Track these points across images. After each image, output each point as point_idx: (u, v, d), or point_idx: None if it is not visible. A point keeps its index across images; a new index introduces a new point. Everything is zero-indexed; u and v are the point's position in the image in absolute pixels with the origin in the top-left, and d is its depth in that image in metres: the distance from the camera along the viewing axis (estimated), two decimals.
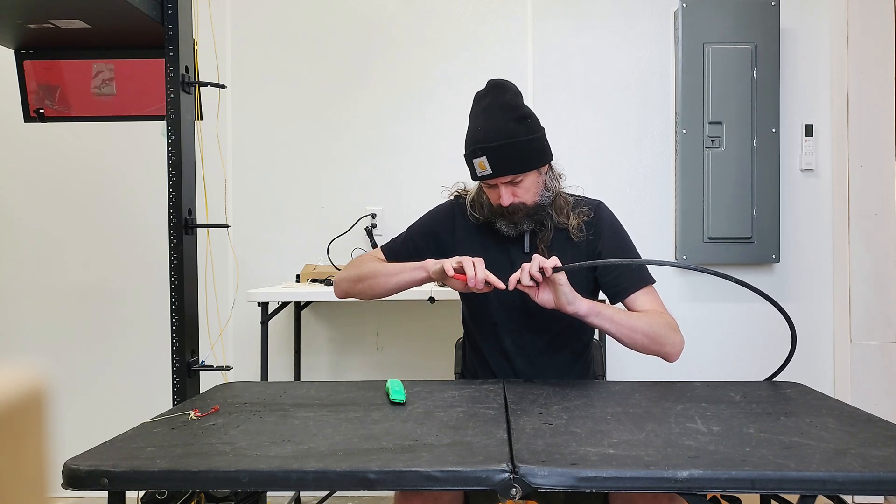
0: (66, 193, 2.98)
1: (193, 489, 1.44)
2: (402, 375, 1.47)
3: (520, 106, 1.58)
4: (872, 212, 2.82)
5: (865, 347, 2.81)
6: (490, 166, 1.53)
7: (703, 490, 0.95)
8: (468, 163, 1.58)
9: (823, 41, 2.90)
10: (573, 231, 1.62)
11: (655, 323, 1.52)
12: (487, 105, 1.56)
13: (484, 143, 1.53)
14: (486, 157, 1.53)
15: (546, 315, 1.63)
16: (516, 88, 1.60)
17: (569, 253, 1.63)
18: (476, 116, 1.58)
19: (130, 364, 2.96)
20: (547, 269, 1.42)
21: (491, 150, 1.52)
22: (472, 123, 1.59)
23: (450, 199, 1.77)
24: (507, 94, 1.57)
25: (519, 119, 1.56)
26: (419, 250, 1.70)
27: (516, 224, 1.61)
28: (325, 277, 2.71)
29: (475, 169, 1.56)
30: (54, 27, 1.87)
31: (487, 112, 1.56)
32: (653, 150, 2.93)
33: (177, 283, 1.84)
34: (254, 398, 1.40)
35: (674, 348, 1.54)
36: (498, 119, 1.54)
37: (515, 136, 1.54)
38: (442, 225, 1.73)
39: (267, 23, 2.96)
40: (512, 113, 1.55)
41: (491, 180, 1.57)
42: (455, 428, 1.14)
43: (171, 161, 1.84)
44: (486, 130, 1.54)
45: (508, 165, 1.54)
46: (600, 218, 1.66)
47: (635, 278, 1.62)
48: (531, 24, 2.94)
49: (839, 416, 1.21)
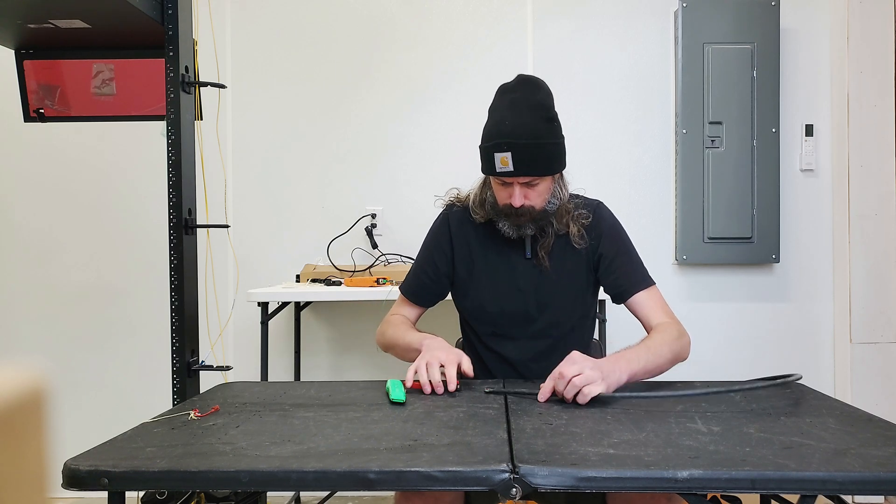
0: (66, 193, 2.98)
1: (193, 489, 1.44)
2: (401, 375, 1.47)
3: (550, 107, 1.52)
4: (872, 212, 2.82)
5: (865, 347, 2.81)
6: (513, 163, 1.47)
7: (703, 490, 0.95)
8: (486, 156, 1.51)
9: (823, 41, 2.90)
10: (574, 238, 1.60)
11: (670, 341, 1.49)
12: (516, 100, 1.49)
13: (510, 138, 1.46)
14: (510, 154, 1.46)
15: (546, 321, 1.63)
16: (548, 88, 1.54)
17: (569, 259, 1.62)
18: (502, 109, 1.51)
19: (130, 364, 2.96)
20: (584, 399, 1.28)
21: (517, 147, 1.46)
22: (496, 115, 1.52)
23: (442, 211, 1.73)
24: (539, 92, 1.52)
25: (548, 120, 1.51)
26: (434, 281, 1.69)
27: (520, 227, 1.57)
28: (325, 277, 2.71)
29: (495, 163, 1.49)
30: (54, 27, 1.87)
31: (516, 107, 1.49)
32: (653, 150, 2.93)
33: (177, 283, 1.84)
34: (254, 398, 1.40)
35: (687, 352, 1.54)
36: (527, 116, 1.48)
37: (543, 136, 1.49)
38: (438, 246, 1.69)
39: (267, 23, 2.96)
40: (543, 112, 1.50)
41: (508, 178, 1.51)
42: (455, 428, 1.14)
43: (171, 161, 1.84)
44: (513, 126, 1.47)
45: (532, 166, 1.49)
46: (600, 219, 1.64)
47: (636, 279, 1.61)
48: (531, 24, 2.94)
49: (839, 416, 1.21)
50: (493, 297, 1.63)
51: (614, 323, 2.50)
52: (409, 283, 1.73)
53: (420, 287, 1.70)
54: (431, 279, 1.69)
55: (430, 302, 1.73)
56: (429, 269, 1.69)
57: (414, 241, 2.90)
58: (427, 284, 1.69)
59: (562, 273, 1.62)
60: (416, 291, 1.71)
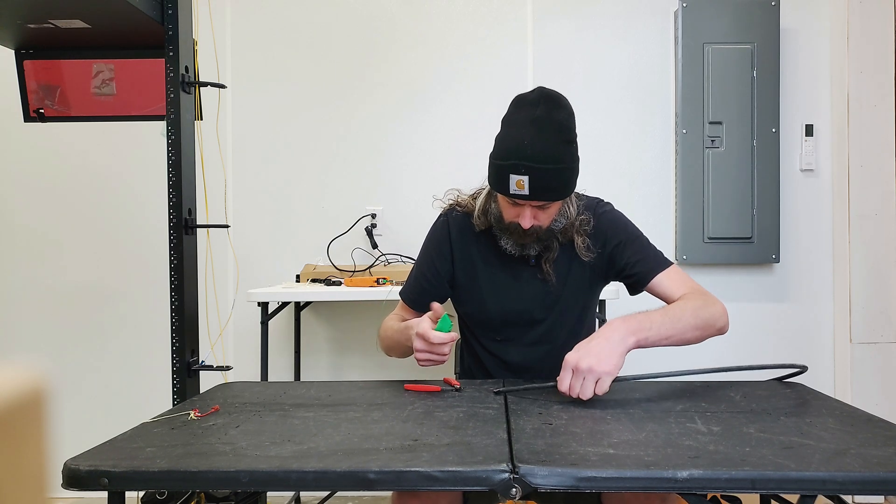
0: (66, 193, 2.98)
1: (193, 489, 1.44)
2: (401, 375, 1.47)
3: (572, 128, 1.46)
4: (872, 212, 2.82)
5: (865, 347, 2.81)
6: (529, 187, 1.40)
7: (703, 490, 0.95)
8: (500, 174, 1.43)
9: (823, 41, 2.90)
10: (581, 251, 1.55)
11: (693, 308, 1.42)
12: (539, 118, 1.41)
13: (530, 161, 1.39)
14: (527, 178, 1.39)
15: (549, 327, 1.61)
16: (570, 106, 1.48)
17: (575, 270, 1.59)
18: (521, 126, 1.42)
19: (130, 364, 2.96)
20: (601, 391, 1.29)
21: (535, 171, 1.39)
22: (513, 132, 1.43)
23: (442, 215, 1.68)
24: (561, 111, 1.44)
25: (569, 142, 1.45)
26: (434, 287, 1.64)
27: (524, 246, 1.53)
28: (325, 277, 2.71)
29: (509, 184, 1.41)
30: (54, 27, 1.87)
31: (538, 127, 1.41)
32: (653, 150, 2.93)
33: (177, 283, 1.84)
34: (254, 398, 1.40)
35: (721, 321, 1.46)
36: (550, 138, 1.41)
37: (563, 161, 1.42)
38: (439, 250, 1.64)
39: (267, 23, 2.97)
40: (564, 135, 1.43)
41: (522, 201, 1.45)
42: (455, 428, 1.14)
43: (171, 161, 1.84)
44: (534, 148, 1.39)
45: (548, 191, 1.43)
46: (600, 220, 1.58)
47: (653, 264, 1.55)
48: (531, 24, 2.94)
49: (839, 416, 1.21)
50: (495, 305, 1.60)
51: None
52: (409, 288, 1.69)
53: (420, 292, 1.65)
54: (432, 284, 1.64)
55: (428, 309, 1.67)
56: (429, 274, 1.65)
57: (414, 241, 2.91)
58: (427, 290, 1.64)
59: (566, 281, 1.59)
60: (416, 298, 1.66)
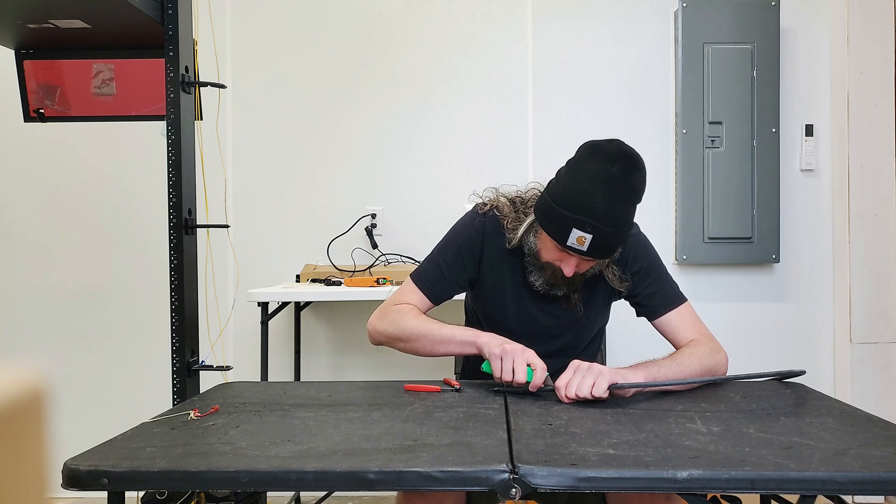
0: (66, 193, 2.98)
1: (193, 489, 1.44)
2: (401, 375, 1.47)
3: (643, 191, 1.42)
4: (872, 212, 2.82)
5: (865, 347, 2.81)
6: (589, 246, 1.37)
7: (702, 490, 0.95)
8: (561, 224, 1.38)
9: (823, 41, 2.90)
10: (614, 283, 1.54)
11: (700, 355, 1.45)
12: (614, 177, 1.36)
13: (598, 222, 1.35)
14: (591, 237, 1.36)
15: (564, 343, 1.60)
16: (645, 168, 1.42)
17: (600, 298, 1.60)
18: (594, 182, 1.36)
19: (130, 364, 2.96)
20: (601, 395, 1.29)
21: (601, 232, 1.36)
22: (585, 185, 1.37)
23: (480, 215, 1.58)
24: (638, 173, 1.39)
25: (635, 205, 1.42)
26: (453, 279, 1.58)
27: (553, 286, 1.50)
28: (325, 277, 2.71)
29: (568, 236, 1.37)
30: (54, 27, 1.87)
31: (612, 186, 1.35)
32: (653, 150, 2.92)
33: (177, 283, 1.84)
34: (254, 398, 1.40)
35: (723, 369, 1.50)
36: (622, 201, 1.37)
37: (627, 224, 1.42)
38: (470, 248, 1.58)
39: (267, 23, 2.96)
40: (635, 198, 1.40)
41: (575, 255, 1.42)
42: (455, 428, 1.14)
43: (171, 161, 1.84)
44: (605, 209, 1.35)
45: (607, 251, 1.42)
46: (626, 245, 1.54)
47: (668, 299, 1.56)
48: (531, 24, 2.94)
49: (839, 416, 1.21)
50: (514, 318, 1.59)
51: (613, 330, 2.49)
52: (426, 273, 1.59)
53: (439, 278, 1.57)
54: (452, 276, 1.58)
55: (440, 298, 1.60)
56: (453, 266, 1.57)
57: (414, 241, 2.92)
58: (446, 279, 1.57)
59: (589, 302, 1.59)
60: (433, 282, 1.57)
